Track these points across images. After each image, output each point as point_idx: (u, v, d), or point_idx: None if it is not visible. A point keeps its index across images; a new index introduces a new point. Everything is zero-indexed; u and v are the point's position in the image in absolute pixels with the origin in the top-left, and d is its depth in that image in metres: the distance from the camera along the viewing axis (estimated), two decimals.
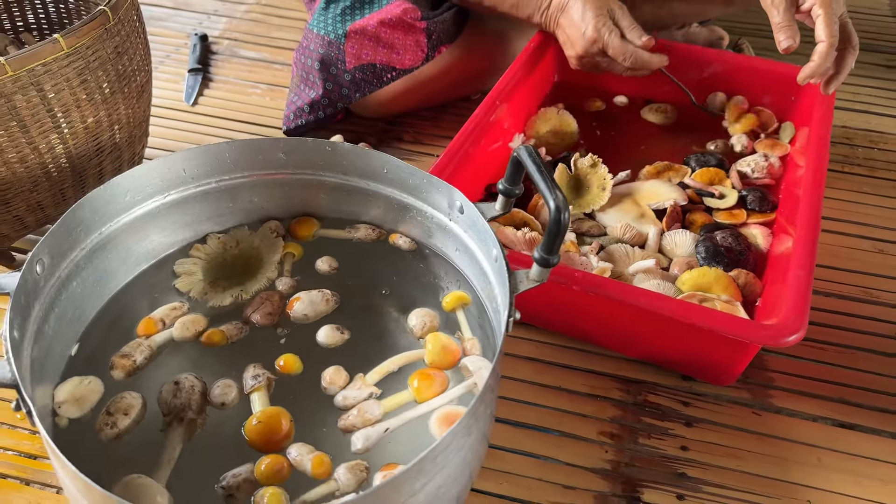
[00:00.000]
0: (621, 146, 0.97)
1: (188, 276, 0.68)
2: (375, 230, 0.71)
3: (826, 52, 0.79)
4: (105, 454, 0.55)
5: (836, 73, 0.84)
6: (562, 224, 0.53)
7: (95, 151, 0.77)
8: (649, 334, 0.72)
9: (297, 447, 0.55)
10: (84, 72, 0.71)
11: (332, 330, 0.63)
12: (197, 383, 0.59)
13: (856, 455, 0.69)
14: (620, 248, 0.80)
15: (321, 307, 0.65)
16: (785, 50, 0.79)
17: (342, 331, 0.64)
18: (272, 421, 0.56)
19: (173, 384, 0.58)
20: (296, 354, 0.62)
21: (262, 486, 0.53)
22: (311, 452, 0.55)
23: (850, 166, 1.03)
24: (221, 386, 0.60)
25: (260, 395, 0.59)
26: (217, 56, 1.22)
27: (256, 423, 0.56)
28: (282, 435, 0.56)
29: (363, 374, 0.60)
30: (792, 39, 0.79)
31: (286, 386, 0.60)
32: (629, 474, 0.67)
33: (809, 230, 0.73)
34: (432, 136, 1.06)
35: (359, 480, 0.53)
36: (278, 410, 0.57)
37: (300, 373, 0.61)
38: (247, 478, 0.53)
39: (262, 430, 0.56)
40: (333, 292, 0.66)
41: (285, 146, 0.69)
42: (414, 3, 0.99)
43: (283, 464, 0.54)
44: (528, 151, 0.57)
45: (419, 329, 0.64)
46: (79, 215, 0.61)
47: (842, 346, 0.79)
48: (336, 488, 0.53)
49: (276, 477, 0.53)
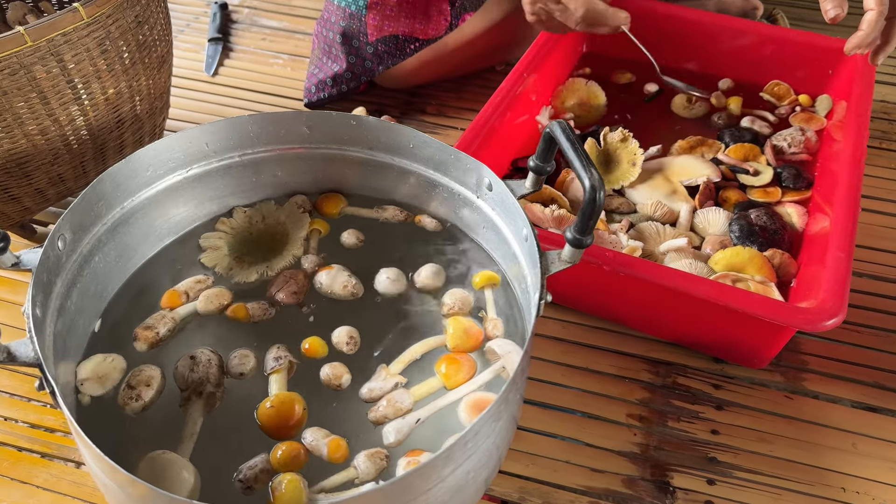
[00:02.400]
0: (652, 120, 0.94)
1: (214, 250, 0.67)
2: (403, 212, 0.69)
3: (875, 21, 0.76)
4: (128, 431, 0.55)
5: (885, 44, 0.81)
6: (597, 204, 0.51)
7: (116, 123, 0.76)
8: (680, 316, 0.70)
9: (312, 431, 0.54)
10: (104, 41, 0.70)
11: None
12: (213, 357, 0.58)
13: (892, 441, 0.67)
14: (651, 226, 0.78)
15: (338, 290, 0.64)
16: (832, 19, 0.76)
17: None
18: (285, 407, 0.55)
19: (189, 359, 0.58)
20: (321, 338, 0.60)
21: (279, 474, 0.52)
22: (326, 437, 0.54)
23: (889, 142, 0.99)
24: (239, 356, 0.59)
25: (279, 378, 0.57)
26: (237, 25, 1.19)
27: (269, 408, 0.55)
28: (293, 421, 0.55)
29: (386, 364, 0.59)
30: (840, 8, 0.75)
31: (313, 369, 0.59)
32: (658, 458, 0.66)
33: (848, 209, 0.70)
34: (456, 109, 1.04)
35: (378, 469, 0.52)
36: (292, 396, 0.56)
37: (326, 356, 0.60)
38: (263, 468, 0.52)
39: (274, 416, 0.55)
40: (356, 281, 0.64)
41: (309, 119, 0.67)
42: None
43: (299, 450, 0.53)
44: (561, 127, 0.55)
45: (448, 308, 0.62)
46: (100, 190, 0.59)
47: (879, 329, 0.76)
48: (355, 476, 0.52)
49: (293, 464, 0.52)
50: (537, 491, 0.63)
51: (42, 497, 0.63)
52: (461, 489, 0.49)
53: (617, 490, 0.63)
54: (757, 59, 0.98)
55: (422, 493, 0.45)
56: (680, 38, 0.99)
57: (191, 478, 0.52)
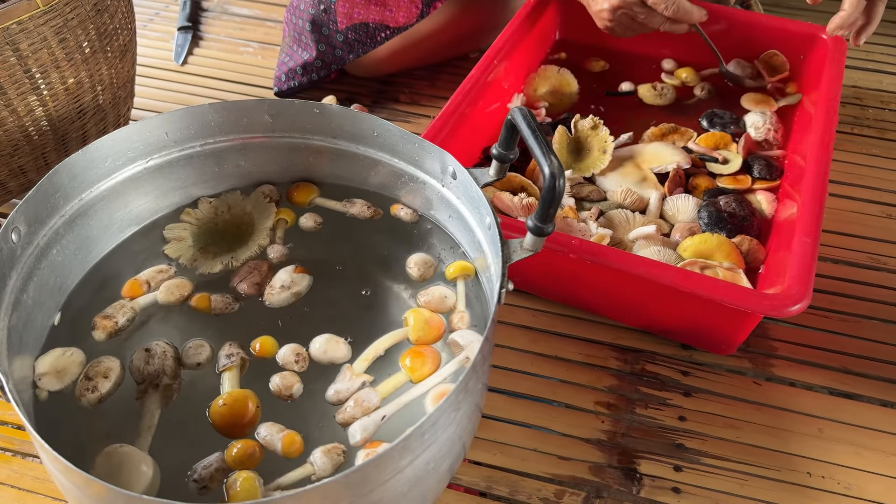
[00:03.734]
0: (624, 109, 0.94)
1: (178, 241, 0.66)
2: (371, 208, 0.68)
3: (857, 1, 0.75)
4: (86, 425, 0.54)
5: (867, 23, 0.81)
6: (556, 191, 0.50)
7: (78, 114, 0.74)
8: (648, 303, 0.70)
9: (266, 426, 0.53)
10: (62, 30, 0.68)
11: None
12: (169, 349, 0.57)
13: (858, 426, 0.68)
14: (621, 214, 0.77)
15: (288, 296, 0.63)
16: (814, 0, 0.76)
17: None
18: (237, 405, 0.54)
19: (144, 351, 0.57)
20: (273, 337, 0.59)
21: (234, 472, 0.51)
22: (280, 431, 0.53)
23: (860, 128, 0.99)
24: (194, 346, 0.58)
25: (231, 376, 0.56)
26: (208, 13, 1.18)
27: (222, 406, 0.54)
28: (247, 420, 0.54)
29: (349, 364, 0.58)
30: None
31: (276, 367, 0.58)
32: (625, 445, 0.66)
33: (816, 195, 0.70)
34: (429, 97, 1.03)
35: (336, 464, 0.51)
36: (245, 394, 0.55)
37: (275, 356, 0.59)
38: (219, 467, 0.51)
39: (226, 414, 0.54)
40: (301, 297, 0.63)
41: (271, 108, 0.66)
42: None
43: (254, 448, 0.52)
44: (522, 114, 0.54)
45: (417, 274, 0.63)
46: (56, 181, 0.58)
47: (846, 314, 0.77)
48: (312, 472, 0.51)
49: (248, 461, 0.52)
50: (504, 480, 0.63)
51: (5, 493, 0.62)
52: (422, 479, 0.49)
53: (584, 477, 0.63)
54: (730, 45, 0.98)
55: (379, 485, 0.45)
56: None
57: (149, 471, 0.51)
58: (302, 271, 0.63)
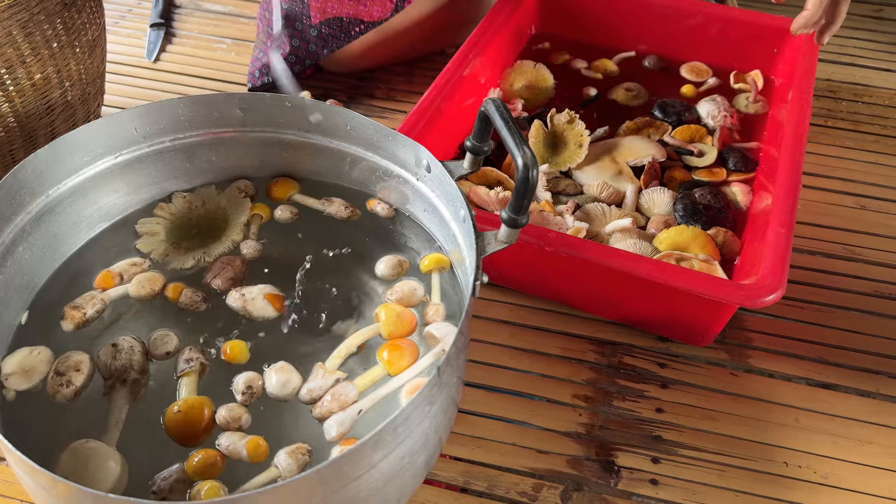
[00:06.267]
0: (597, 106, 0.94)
1: (150, 236, 0.65)
2: (348, 208, 0.67)
3: (819, 1, 0.76)
4: (55, 424, 0.53)
5: (830, 23, 0.81)
6: (530, 182, 0.50)
7: (46, 110, 0.73)
8: (624, 295, 0.70)
9: (227, 435, 0.52)
10: (28, 24, 0.67)
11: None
12: (136, 344, 0.56)
13: (833, 415, 0.68)
14: (597, 207, 0.77)
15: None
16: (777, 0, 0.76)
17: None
18: (193, 412, 0.52)
19: (111, 346, 0.56)
20: (245, 341, 0.58)
21: (196, 482, 0.49)
22: (242, 438, 0.51)
23: (834, 120, 1.00)
24: (159, 337, 0.58)
25: (188, 382, 0.55)
26: (181, 10, 1.16)
27: (177, 412, 0.53)
28: (200, 428, 0.52)
29: (322, 362, 0.56)
30: None
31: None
32: (603, 437, 0.66)
33: (790, 187, 0.71)
34: (406, 93, 1.03)
35: (301, 464, 0.50)
36: (202, 401, 0.54)
37: (247, 363, 0.57)
38: (178, 478, 0.49)
39: (181, 422, 0.52)
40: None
41: (242, 102, 0.65)
42: None
43: (215, 457, 0.50)
44: (495, 105, 0.54)
45: (387, 275, 0.62)
46: (21, 178, 0.57)
47: (822, 304, 0.77)
48: (277, 475, 0.50)
49: (209, 472, 0.50)
50: (482, 474, 0.63)
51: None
52: (397, 475, 0.48)
53: (562, 471, 0.63)
54: (704, 39, 0.98)
55: (352, 480, 0.44)
56: (631, 20, 1.00)
57: (117, 467, 0.50)
58: (273, 301, 0.61)
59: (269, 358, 0.57)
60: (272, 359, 0.57)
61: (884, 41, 1.15)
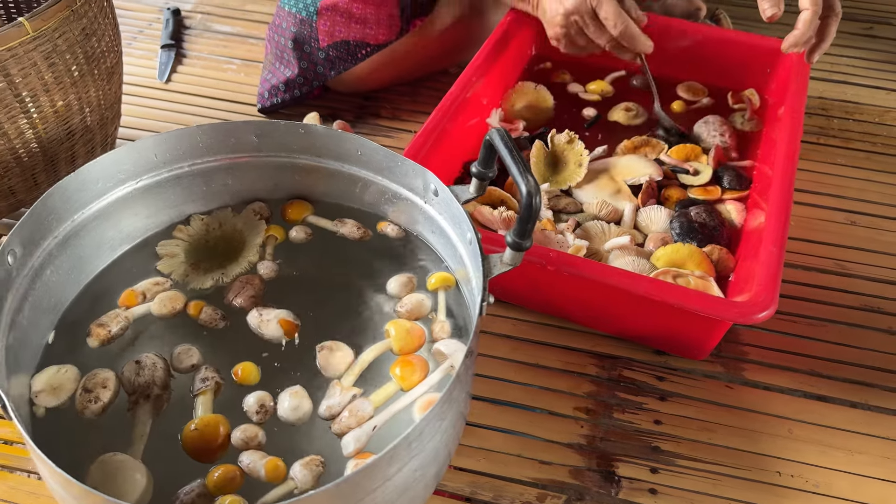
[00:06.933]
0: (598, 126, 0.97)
1: (170, 257, 0.68)
2: (361, 228, 0.70)
3: (809, 20, 0.79)
4: (82, 439, 0.56)
5: (820, 42, 0.84)
6: (533, 209, 0.53)
7: (66, 135, 0.76)
8: (623, 311, 0.73)
9: (248, 454, 0.55)
10: (52, 55, 0.70)
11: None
12: (159, 360, 0.59)
13: (825, 426, 0.71)
14: (596, 225, 0.80)
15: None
16: (769, 18, 0.79)
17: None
18: (209, 430, 0.55)
19: (135, 363, 0.59)
20: (255, 364, 0.61)
21: (217, 497, 0.52)
22: (263, 458, 0.54)
23: (826, 137, 1.03)
24: (181, 351, 0.61)
25: (204, 400, 0.58)
26: (190, 31, 1.20)
27: (193, 430, 0.56)
28: (216, 445, 0.55)
29: (338, 379, 0.60)
30: (776, 7, 0.78)
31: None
32: (604, 448, 0.68)
33: (781, 206, 0.74)
34: (410, 112, 1.06)
35: (316, 475, 0.53)
36: (217, 419, 0.56)
37: (257, 384, 0.60)
38: (200, 492, 0.52)
39: (197, 439, 0.55)
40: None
41: (258, 128, 0.68)
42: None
43: (235, 473, 0.53)
44: (500, 135, 0.57)
45: (399, 291, 0.65)
46: (49, 204, 0.60)
47: (813, 318, 0.80)
48: (294, 486, 0.53)
49: (229, 486, 0.53)
50: (489, 485, 0.66)
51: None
52: (409, 487, 0.51)
53: (565, 481, 0.66)
54: (700, 59, 1.01)
55: (368, 493, 0.47)
56: None
57: (143, 479, 0.53)
58: (288, 327, 0.63)
59: (281, 376, 0.60)
60: (284, 377, 0.60)
61: (874, 59, 1.18)
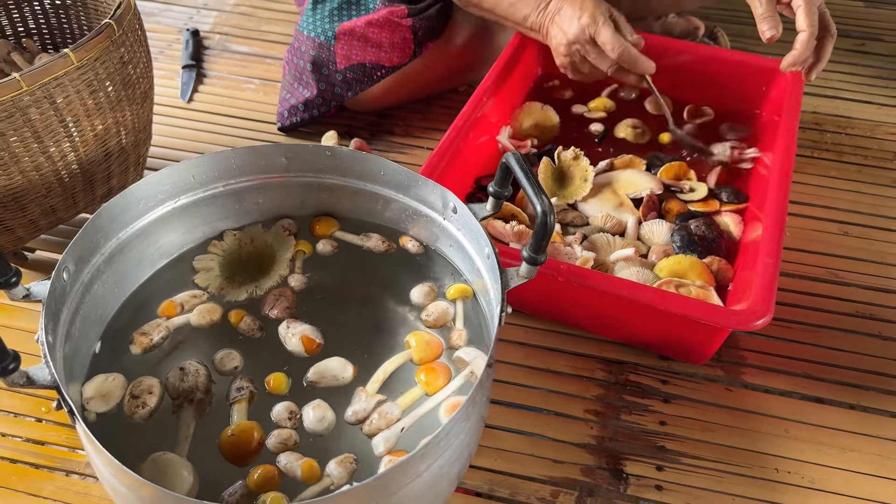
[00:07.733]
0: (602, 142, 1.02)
1: (206, 271, 0.73)
2: (385, 242, 0.75)
3: (807, 41, 0.84)
4: (130, 441, 0.61)
5: (817, 61, 0.89)
6: (548, 227, 0.57)
7: (104, 156, 0.81)
8: (629, 319, 0.78)
9: (286, 455, 0.59)
10: (93, 82, 0.75)
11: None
12: (201, 367, 0.64)
13: (820, 426, 0.75)
14: (602, 237, 0.85)
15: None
16: (768, 40, 0.83)
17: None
18: (245, 436, 0.60)
19: (179, 370, 0.64)
20: (286, 374, 0.65)
21: (260, 495, 0.57)
22: (299, 459, 0.59)
23: (820, 151, 1.08)
24: (223, 355, 0.66)
25: (239, 408, 0.62)
26: (209, 51, 1.25)
27: (231, 436, 0.60)
28: (251, 449, 0.60)
29: (363, 386, 0.64)
30: (775, 29, 0.83)
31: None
32: (613, 448, 0.73)
33: (777, 219, 0.78)
34: (422, 129, 1.11)
35: (350, 471, 0.58)
36: (252, 426, 0.61)
37: (287, 393, 0.64)
38: (243, 493, 0.57)
39: (234, 444, 0.60)
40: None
41: (287, 151, 0.73)
42: (399, 0, 1.03)
43: (273, 472, 0.58)
44: (516, 158, 0.62)
45: (420, 302, 0.70)
46: (98, 223, 0.65)
47: (808, 324, 0.85)
48: (330, 483, 0.57)
49: (269, 485, 0.57)
50: (505, 482, 0.70)
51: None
52: (436, 483, 0.56)
53: (576, 478, 0.71)
54: (698, 78, 1.06)
55: (401, 487, 0.52)
56: None
57: (190, 476, 0.58)
58: (309, 345, 0.67)
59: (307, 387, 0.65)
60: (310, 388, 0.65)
61: (866, 74, 1.23)
